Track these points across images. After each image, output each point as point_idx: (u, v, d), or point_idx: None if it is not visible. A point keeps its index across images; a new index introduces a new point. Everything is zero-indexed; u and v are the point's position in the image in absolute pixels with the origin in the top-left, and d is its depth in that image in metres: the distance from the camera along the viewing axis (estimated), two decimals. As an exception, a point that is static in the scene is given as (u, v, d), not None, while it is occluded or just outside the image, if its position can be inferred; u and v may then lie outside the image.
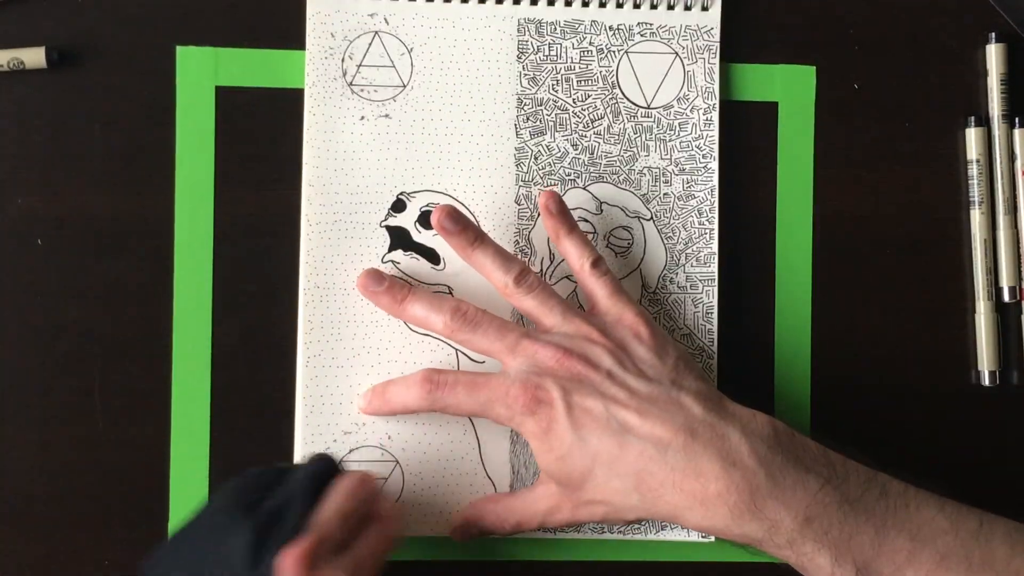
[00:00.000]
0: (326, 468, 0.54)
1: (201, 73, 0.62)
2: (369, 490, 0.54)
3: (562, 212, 0.60)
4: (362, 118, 0.62)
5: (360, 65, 0.62)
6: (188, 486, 0.61)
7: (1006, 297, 0.65)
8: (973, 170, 0.65)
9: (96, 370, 0.61)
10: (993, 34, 0.65)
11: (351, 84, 0.62)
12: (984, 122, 0.65)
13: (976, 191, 0.65)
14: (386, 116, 0.62)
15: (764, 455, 0.54)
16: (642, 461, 0.54)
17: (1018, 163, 0.65)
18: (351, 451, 0.61)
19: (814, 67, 0.65)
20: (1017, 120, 0.65)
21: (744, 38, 0.65)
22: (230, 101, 0.62)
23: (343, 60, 0.62)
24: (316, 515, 0.51)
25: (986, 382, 0.65)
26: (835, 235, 0.64)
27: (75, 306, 0.61)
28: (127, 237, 0.61)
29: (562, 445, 0.56)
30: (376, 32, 0.62)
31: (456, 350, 0.62)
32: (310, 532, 0.50)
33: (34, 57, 0.60)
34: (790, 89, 0.64)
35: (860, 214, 0.65)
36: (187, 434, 0.61)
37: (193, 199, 0.62)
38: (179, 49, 0.62)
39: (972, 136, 0.65)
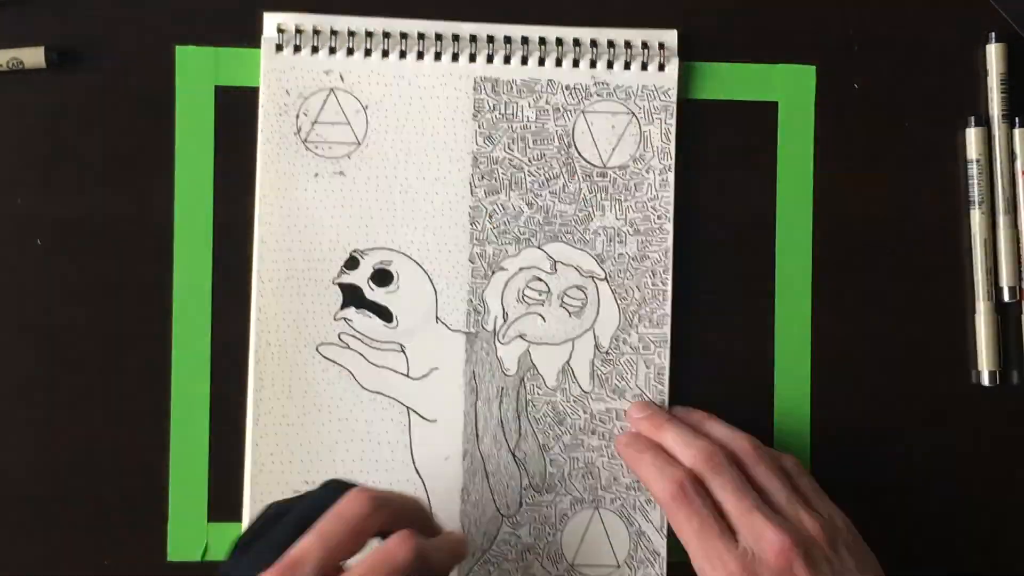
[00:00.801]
0: (332, 493, 0.52)
1: (201, 73, 0.62)
2: (362, 510, 0.51)
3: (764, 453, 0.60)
4: (316, 175, 0.62)
5: (315, 122, 0.62)
6: (188, 486, 0.61)
7: (1006, 297, 0.65)
8: (973, 170, 0.65)
9: (96, 370, 0.61)
10: (993, 34, 0.65)
11: (305, 141, 0.62)
12: (984, 122, 0.65)
13: (976, 191, 0.65)
14: (340, 173, 0.62)
15: None
16: None
17: (1018, 163, 0.65)
18: None
19: (814, 67, 0.65)
20: (1017, 120, 0.65)
21: (744, 38, 0.65)
22: (230, 101, 0.62)
23: (297, 117, 0.61)
24: (298, 543, 0.50)
25: (986, 382, 0.65)
26: (835, 235, 0.64)
27: (75, 306, 0.61)
28: (127, 237, 0.61)
29: None
30: (331, 89, 0.62)
31: (407, 408, 0.62)
32: (287, 557, 0.49)
33: (34, 57, 0.60)
34: (790, 89, 0.64)
35: (860, 214, 0.65)
36: (186, 434, 0.61)
37: (193, 199, 0.62)
38: (179, 49, 0.62)
39: (972, 136, 0.65)
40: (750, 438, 0.60)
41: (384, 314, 0.62)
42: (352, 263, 0.62)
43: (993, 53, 0.65)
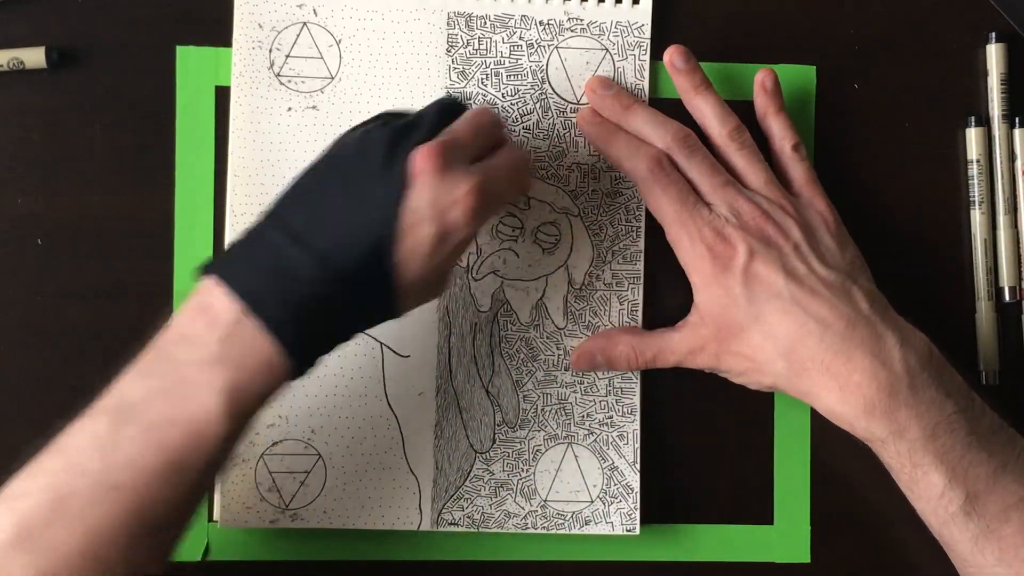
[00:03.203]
0: (454, 101, 0.56)
1: (201, 73, 0.62)
2: (495, 115, 0.56)
3: (776, 91, 0.62)
4: (289, 109, 0.62)
5: (288, 56, 0.62)
6: (188, 486, 0.61)
7: (1006, 297, 0.65)
8: (973, 170, 0.65)
9: (96, 370, 0.61)
10: (993, 34, 0.65)
11: (278, 75, 0.62)
12: (984, 122, 0.65)
13: (976, 191, 0.65)
14: (313, 108, 0.62)
15: (912, 366, 0.56)
16: (800, 333, 0.56)
17: (1018, 163, 0.65)
18: (274, 444, 0.61)
19: (814, 67, 0.65)
20: (1017, 120, 0.65)
21: (744, 38, 0.65)
22: (230, 101, 0.62)
23: (270, 51, 0.62)
24: (448, 128, 0.53)
25: (986, 382, 0.65)
26: (835, 235, 0.64)
27: (75, 306, 0.61)
28: (127, 237, 0.61)
29: (728, 295, 0.58)
30: (304, 23, 0.62)
31: (380, 343, 0.62)
32: (442, 135, 0.52)
33: (34, 57, 0.60)
34: (790, 89, 0.64)
35: (860, 214, 0.65)
36: (187, 434, 0.61)
37: (193, 199, 0.62)
38: (179, 49, 0.62)
39: (972, 136, 0.65)
40: (737, 120, 0.61)
41: None
42: None
43: (993, 53, 0.65)
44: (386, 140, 0.51)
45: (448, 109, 0.54)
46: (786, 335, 0.57)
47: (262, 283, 0.49)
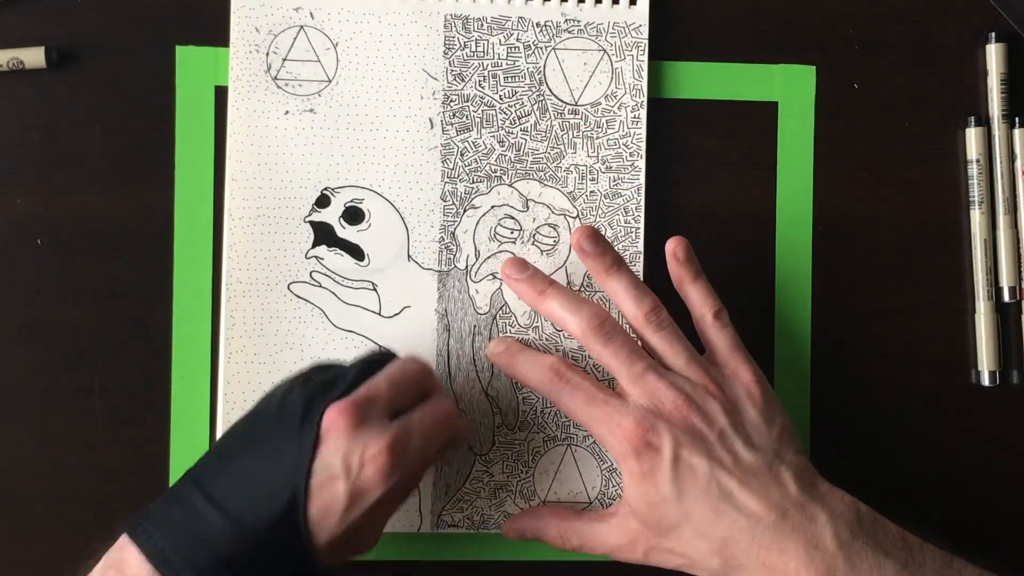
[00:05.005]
0: (382, 355, 0.56)
1: (201, 73, 0.62)
2: (421, 366, 0.56)
3: (689, 259, 0.60)
4: (286, 112, 0.62)
5: (285, 59, 0.62)
6: (188, 486, 0.61)
7: (1006, 297, 0.65)
8: (973, 170, 0.65)
9: (96, 370, 0.61)
10: (993, 34, 0.65)
11: (276, 78, 0.62)
12: (984, 122, 0.65)
13: (976, 191, 0.65)
14: (311, 111, 0.62)
15: (846, 539, 0.55)
16: (732, 530, 0.55)
17: (1018, 163, 0.65)
18: None
19: (814, 67, 0.65)
20: (1017, 120, 0.65)
21: (743, 38, 0.65)
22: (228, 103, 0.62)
23: (267, 54, 0.62)
24: (367, 383, 0.53)
25: (986, 382, 0.65)
26: (835, 235, 0.64)
27: (75, 306, 0.61)
28: (127, 237, 0.62)
29: (658, 494, 0.56)
30: (301, 26, 0.62)
31: (380, 347, 0.62)
32: (359, 390, 0.52)
33: (34, 57, 0.60)
34: (790, 89, 0.64)
35: (860, 214, 0.65)
36: (187, 433, 0.61)
37: (193, 199, 0.62)
38: (179, 49, 0.62)
39: (972, 136, 0.65)
40: (653, 300, 0.59)
41: (356, 252, 0.62)
42: (323, 201, 0.62)
43: (993, 53, 0.65)
44: (303, 400, 0.51)
45: (373, 364, 0.54)
46: (718, 533, 0.55)
47: (174, 544, 0.49)
